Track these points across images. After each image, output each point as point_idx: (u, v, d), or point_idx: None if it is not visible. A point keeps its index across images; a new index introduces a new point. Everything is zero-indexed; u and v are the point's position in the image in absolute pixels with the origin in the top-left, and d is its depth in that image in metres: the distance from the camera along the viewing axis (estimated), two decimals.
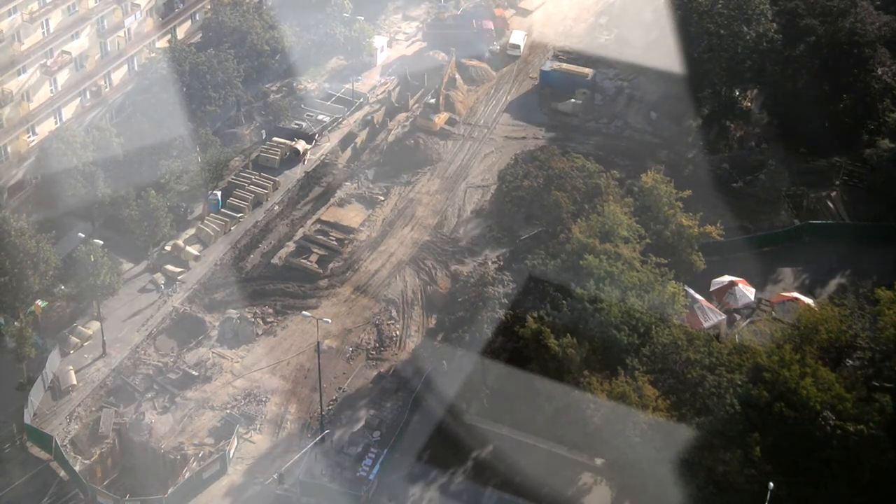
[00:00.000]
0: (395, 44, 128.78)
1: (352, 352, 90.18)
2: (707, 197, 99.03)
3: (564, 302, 78.59)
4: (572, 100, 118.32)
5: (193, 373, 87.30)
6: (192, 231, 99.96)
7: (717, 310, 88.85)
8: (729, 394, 70.70)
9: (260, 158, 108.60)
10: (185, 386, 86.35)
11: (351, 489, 77.92)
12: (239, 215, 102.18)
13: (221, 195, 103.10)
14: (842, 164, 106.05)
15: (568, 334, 75.36)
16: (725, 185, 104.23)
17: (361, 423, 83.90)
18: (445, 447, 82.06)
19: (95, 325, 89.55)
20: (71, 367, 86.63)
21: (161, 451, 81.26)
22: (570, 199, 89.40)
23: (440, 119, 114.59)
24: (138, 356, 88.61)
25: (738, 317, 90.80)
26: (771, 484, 66.40)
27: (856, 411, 68.37)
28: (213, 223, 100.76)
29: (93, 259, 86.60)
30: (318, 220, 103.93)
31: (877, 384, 71.38)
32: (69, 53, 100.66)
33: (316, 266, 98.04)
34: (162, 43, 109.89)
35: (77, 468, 78.85)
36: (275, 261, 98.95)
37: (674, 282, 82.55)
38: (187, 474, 78.55)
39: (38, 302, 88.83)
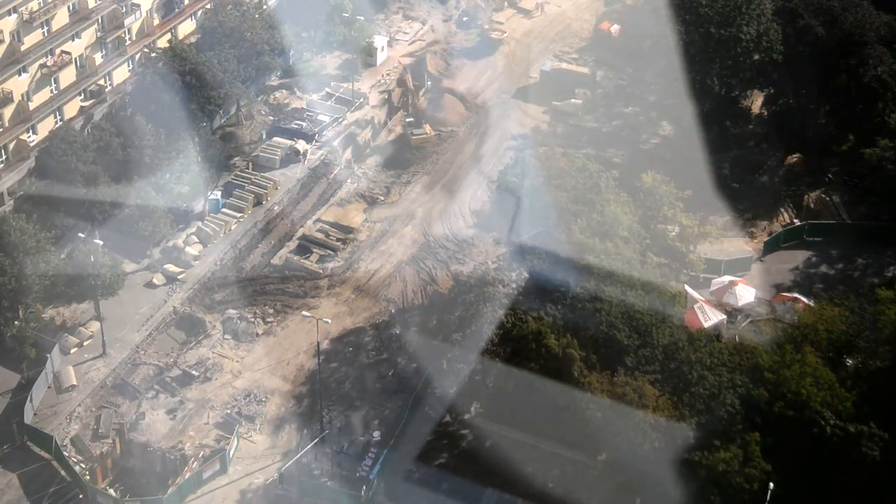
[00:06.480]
0: (395, 43, 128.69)
1: (352, 352, 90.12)
2: (707, 197, 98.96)
3: (565, 302, 78.55)
4: (573, 100, 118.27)
5: (193, 373, 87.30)
6: (192, 231, 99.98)
7: (717, 310, 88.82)
8: (729, 393, 70.75)
9: (260, 158, 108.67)
10: (185, 386, 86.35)
11: (351, 489, 77.88)
12: (239, 215, 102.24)
13: (221, 195, 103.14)
14: (842, 164, 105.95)
15: (568, 334, 75.36)
16: (725, 185, 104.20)
17: (361, 423, 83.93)
18: (445, 447, 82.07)
19: (95, 325, 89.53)
20: (71, 367, 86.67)
21: (161, 452, 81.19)
22: (570, 199, 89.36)
23: (429, 128, 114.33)
24: (138, 356, 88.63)
25: (738, 316, 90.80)
26: (771, 484, 66.45)
27: (856, 411, 68.42)
28: (213, 223, 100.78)
29: (93, 259, 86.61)
30: (319, 220, 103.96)
31: (877, 383, 71.37)
32: (69, 53, 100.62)
33: (316, 266, 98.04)
34: (162, 42, 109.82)
35: (77, 468, 78.84)
36: (275, 261, 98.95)
37: (674, 282, 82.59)
38: (187, 474, 78.56)
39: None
